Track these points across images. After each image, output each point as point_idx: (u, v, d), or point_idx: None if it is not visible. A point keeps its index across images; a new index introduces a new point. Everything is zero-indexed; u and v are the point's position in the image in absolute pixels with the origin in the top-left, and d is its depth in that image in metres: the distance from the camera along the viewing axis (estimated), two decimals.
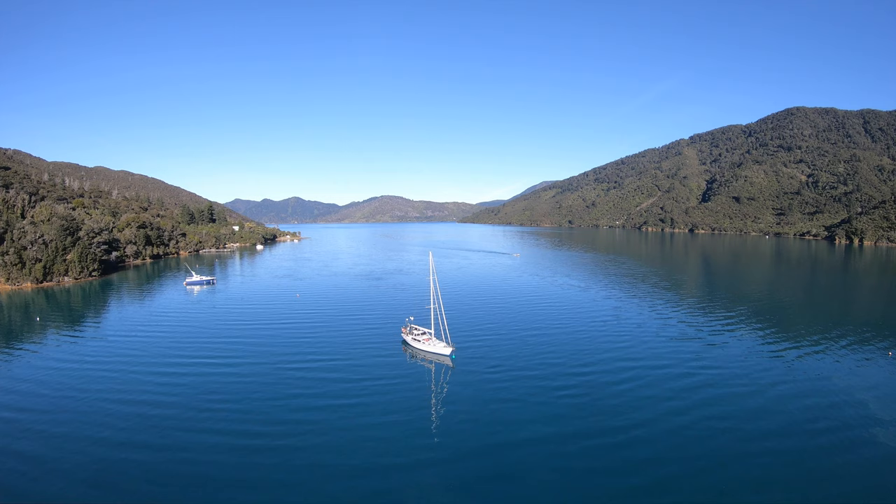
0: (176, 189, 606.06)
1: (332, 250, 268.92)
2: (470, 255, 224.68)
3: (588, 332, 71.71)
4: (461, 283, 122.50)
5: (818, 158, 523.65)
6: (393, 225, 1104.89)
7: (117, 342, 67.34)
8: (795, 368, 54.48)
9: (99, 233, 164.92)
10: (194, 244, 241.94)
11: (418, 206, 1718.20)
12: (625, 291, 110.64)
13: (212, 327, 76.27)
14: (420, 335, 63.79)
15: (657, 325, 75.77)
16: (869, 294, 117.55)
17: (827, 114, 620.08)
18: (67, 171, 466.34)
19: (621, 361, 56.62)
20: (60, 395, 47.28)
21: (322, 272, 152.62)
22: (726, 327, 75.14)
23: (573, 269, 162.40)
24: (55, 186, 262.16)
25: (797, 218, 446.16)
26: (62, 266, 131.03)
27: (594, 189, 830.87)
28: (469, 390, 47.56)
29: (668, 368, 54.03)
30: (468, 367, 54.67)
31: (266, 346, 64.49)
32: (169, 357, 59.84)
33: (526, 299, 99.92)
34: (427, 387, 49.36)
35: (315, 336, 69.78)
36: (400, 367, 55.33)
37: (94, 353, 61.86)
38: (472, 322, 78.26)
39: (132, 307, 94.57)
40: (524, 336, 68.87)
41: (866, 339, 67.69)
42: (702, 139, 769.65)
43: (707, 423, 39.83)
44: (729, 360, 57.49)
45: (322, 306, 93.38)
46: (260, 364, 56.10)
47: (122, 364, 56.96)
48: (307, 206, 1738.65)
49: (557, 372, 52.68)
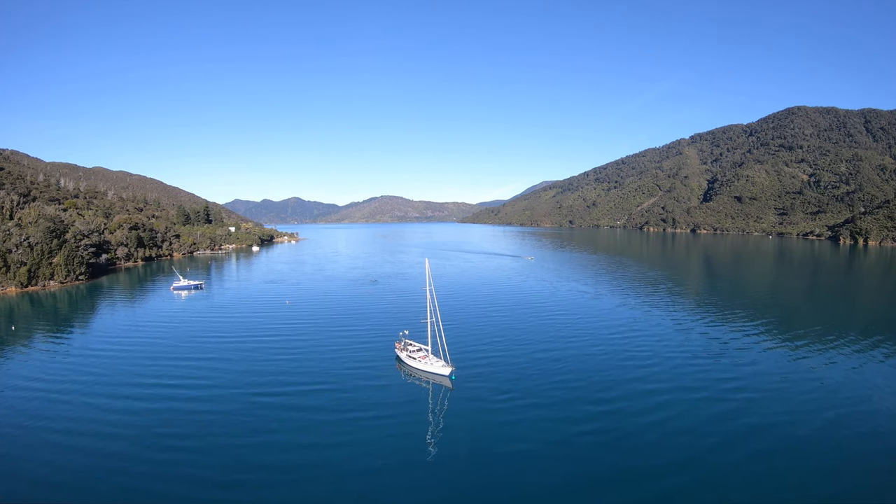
0: (174, 189, 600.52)
1: (328, 252, 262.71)
2: (471, 257, 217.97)
3: (605, 347, 64.99)
4: (461, 291, 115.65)
5: (820, 158, 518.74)
6: (393, 225, 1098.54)
7: (81, 359, 60.87)
8: (839, 390, 48.13)
9: (88, 235, 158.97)
10: (188, 246, 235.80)
11: (418, 207, 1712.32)
12: (639, 298, 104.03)
13: (188, 341, 69.68)
14: (415, 352, 57.90)
15: (679, 339, 69.20)
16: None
17: (828, 113, 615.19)
18: (65, 171, 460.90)
19: (646, 385, 49.98)
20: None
21: (315, 276, 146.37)
22: (752, 340, 68.72)
23: (580, 272, 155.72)
24: (49, 187, 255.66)
25: (800, 218, 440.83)
26: (48, 270, 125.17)
27: (595, 189, 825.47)
28: (471, 423, 41.13)
29: (699, 393, 47.59)
30: (470, 393, 48.22)
31: (244, 365, 57.90)
32: (133, 378, 53.33)
33: (533, 308, 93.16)
34: (423, 418, 42.82)
35: (300, 353, 63.10)
36: (393, 394, 48.64)
37: (52, 372, 55.56)
38: (474, 336, 71.75)
39: (110, 316, 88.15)
40: (533, 353, 62.20)
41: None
42: (702, 139, 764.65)
43: (754, 468, 33.48)
44: (763, 382, 51.14)
45: (311, 316, 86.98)
46: (233, 390, 49.36)
47: (78, 386, 50.57)
48: (307, 206, 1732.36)
49: (574, 399, 46.02)
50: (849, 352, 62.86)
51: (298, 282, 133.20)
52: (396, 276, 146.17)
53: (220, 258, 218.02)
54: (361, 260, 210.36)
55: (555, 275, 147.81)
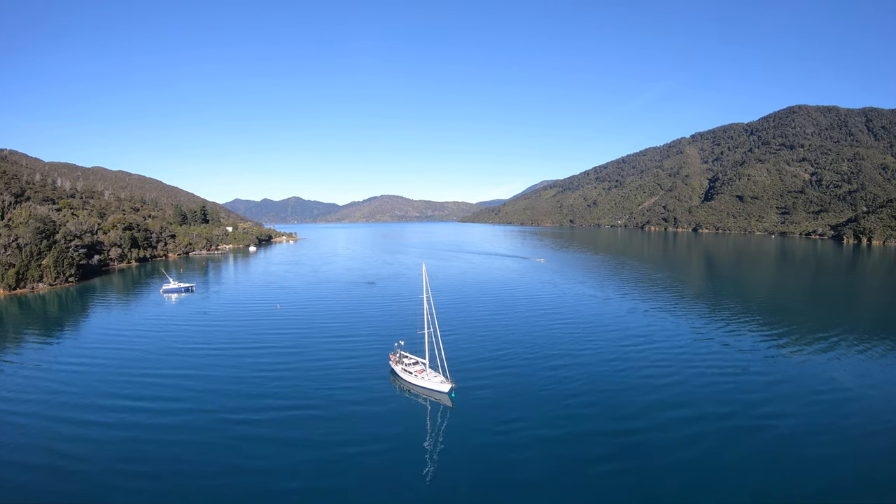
0: (174, 189, 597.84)
1: (326, 252, 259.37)
2: (473, 258, 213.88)
3: (620, 362, 59.55)
4: (461, 296, 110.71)
5: (821, 157, 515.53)
6: (393, 224, 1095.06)
7: (48, 373, 56.26)
8: (885, 406, 43.55)
9: (80, 235, 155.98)
10: (184, 246, 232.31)
11: (418, 206, 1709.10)
12: (650, 303, 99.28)
13: (167, 353, 64.81)
14: (411, 365, 53.41)
15: (700, 351, 63.94)
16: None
17: (829, 112, 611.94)
18: (63, 171, 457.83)
19: (672, 410, 44.26)
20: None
21: (310, 278, 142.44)
22: (780, 351, 63.95)
23: (586, 274, 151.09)
24: (45, 187, 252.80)
25: (802, 217, 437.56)
26: (37, 272, 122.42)
27: (595, 188, 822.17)
28: (473, 452, 36.55)
29: (732, 420, 42.33)
30: (471, 413, 43.86)
31: (224, 383, 52.81)
32: (97, 398, 48.25)
33: (539, 315, 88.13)
34: (420, 445, 38.19)
35: (287, 367, 58.18)
36: (387, 419, 43.52)
37: (12, 388, 51.03)
38: (475, 347, 66.75)
39: (90, 323, 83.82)
40: (540, 368, 57.17)
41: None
42: (703, 138, 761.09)
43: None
44: (803, 403, 46.05)
45: (302, 322, 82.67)
46: (207, 414, 44.08)
47: (35, 407, 45.93)
48: (307, 205, 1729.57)
49: (591, 430, 40.48)
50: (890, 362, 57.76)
51: (292, 284, 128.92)
52: (394, 278, 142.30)
53: (216, 259, 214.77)
54: (359, 261, 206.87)
55: (560, 277, 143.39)
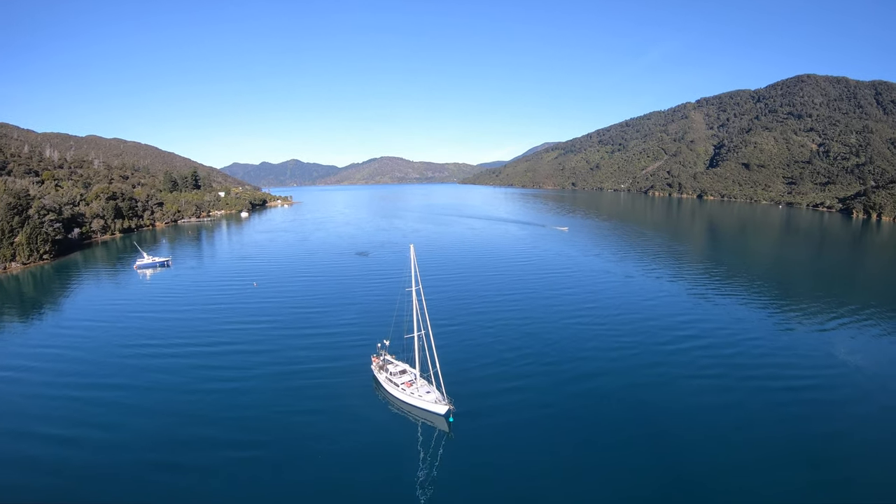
0: (169, 155, 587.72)
1: (319, 217, 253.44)
2: (475, 222, 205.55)
3: (663, 367, 50.11)
4: (461, 275, 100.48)
5: (829, 128, 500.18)
6: (392, 186, 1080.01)
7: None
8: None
9: (58, 209, 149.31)
10: (172, 214, 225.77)
11: (418, 168, 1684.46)
12: (680, 284, 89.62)
13: (118, 350, 58.16)
14: (398, 374, 46.33)
15: (766, 359, 53.96)
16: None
17: (838, 83, 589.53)
18: (56, 141, 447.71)
19: (735, 452, 35.74)
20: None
21: (297, 249, 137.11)
22: (834, 343, 57.84)
23: (600, 246, 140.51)
24: (31, 159, 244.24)
25: (809, 188, 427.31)
26: (9, 250, 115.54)
27: (598, 151, 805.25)
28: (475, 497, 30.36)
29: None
30: (476, 453, 35.77)
31: (173, 395, 45.80)
32: (24, 416, 42.96)
33: (560, 301, 77.46)
34: (410, 492, 31.56)
35: (250, 374, 50.50)
36: (365, 456, 35.55)
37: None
38: (480, 347, 56.33)
39: (42, 311, 78.46)
40: (566, 378, 48.22)
41: None
42: (709, 103, 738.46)
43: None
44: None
45: (278, 304, 77.70)
46: (142, 441, 37.95)
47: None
48: (306, 168, 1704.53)
49: (639, 482, 32.26)
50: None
51: (275, 257, 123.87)
52: (385, 247, 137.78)
53: (205, 226, 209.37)
54: (353, 227, 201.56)
55: (573, 248, 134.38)
